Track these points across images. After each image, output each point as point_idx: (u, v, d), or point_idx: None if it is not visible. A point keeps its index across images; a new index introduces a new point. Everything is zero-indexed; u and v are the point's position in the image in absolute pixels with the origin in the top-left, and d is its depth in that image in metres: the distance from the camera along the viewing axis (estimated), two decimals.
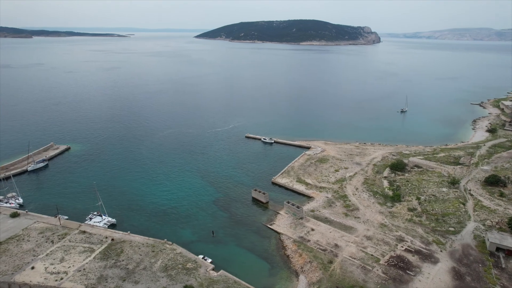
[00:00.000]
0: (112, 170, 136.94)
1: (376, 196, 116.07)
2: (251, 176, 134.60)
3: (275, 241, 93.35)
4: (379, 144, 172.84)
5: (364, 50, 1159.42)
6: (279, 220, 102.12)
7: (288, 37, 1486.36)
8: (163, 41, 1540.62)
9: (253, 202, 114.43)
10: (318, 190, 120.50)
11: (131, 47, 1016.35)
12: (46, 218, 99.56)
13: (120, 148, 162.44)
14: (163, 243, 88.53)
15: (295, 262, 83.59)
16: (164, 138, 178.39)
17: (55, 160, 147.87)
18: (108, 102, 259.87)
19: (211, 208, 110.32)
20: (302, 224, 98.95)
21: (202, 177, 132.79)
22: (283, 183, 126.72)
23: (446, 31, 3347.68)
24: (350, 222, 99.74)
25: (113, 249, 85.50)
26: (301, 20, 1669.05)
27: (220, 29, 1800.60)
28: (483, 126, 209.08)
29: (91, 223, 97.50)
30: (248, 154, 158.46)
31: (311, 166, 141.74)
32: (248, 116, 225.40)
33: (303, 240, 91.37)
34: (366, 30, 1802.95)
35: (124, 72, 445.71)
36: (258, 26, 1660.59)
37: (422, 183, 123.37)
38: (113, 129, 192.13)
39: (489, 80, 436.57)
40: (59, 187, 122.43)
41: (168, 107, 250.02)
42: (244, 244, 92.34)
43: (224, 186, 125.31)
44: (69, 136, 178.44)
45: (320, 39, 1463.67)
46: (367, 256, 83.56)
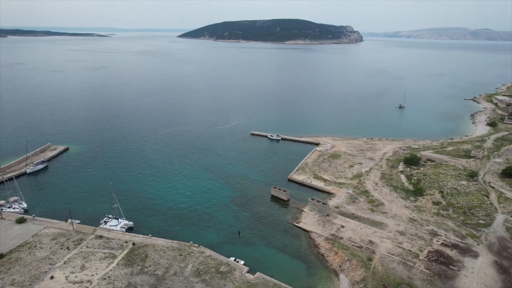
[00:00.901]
0: (119, 170, 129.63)
1: (397, 190, 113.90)
2: (265, 174, 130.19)
3: (305, 239, 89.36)
4: (386, 139, 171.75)
5: (349, 49, 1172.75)
6: (305, 218, 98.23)
7: (272, 36, 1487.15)
8: (145, 40, 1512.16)
9: (273, 200, 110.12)
10: (338, 186, 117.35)
11: (114, 47, 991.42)
12: (56, 223, 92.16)
13: (122, 147, 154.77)
14: (189, 246, 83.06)
15: (332, 260, 79.87)
16: (166, 136, 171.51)
17: (54, 162, 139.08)
18: (101, 102, 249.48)
19: (230, 208, 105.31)
20: (330, 221, 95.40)
21: (214, 175, 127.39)
22: (300, 180, 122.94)
23: (425, 30, 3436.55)
24: (379, 218, 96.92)
25: (136, 254, 79.40)
26: (284, 19, 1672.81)
27: (203, 28, 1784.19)
28: (482, 120, 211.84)
29: (107, 227, 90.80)
30: (257, 152, 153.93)
31: (324, 162, 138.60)
32: (248, 114, 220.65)
33: (335, 237, 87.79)
34: (349, 29, 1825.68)
35: (112, 71, 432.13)
36: (242, 25, 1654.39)
37: (439, 177, 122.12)
38: (111, 128, 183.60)
39: (475, 76, 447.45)
40: (63, 189, 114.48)
41: (164, 105, 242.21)
42: (273, 243, 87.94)
43: (239, 185, 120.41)
44: (66, 136, 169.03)
45: (304, 38, 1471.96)
46: (405, 252, 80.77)
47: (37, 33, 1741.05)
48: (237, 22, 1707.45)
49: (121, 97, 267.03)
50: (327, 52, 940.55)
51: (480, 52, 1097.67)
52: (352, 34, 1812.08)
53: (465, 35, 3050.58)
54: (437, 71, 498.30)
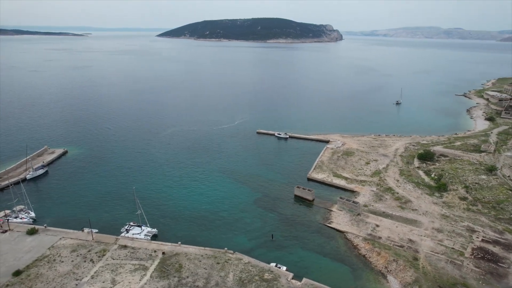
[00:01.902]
0: (127, 174, 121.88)
1: (420, 187, 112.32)
2: (281, 173, 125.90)
3: (342, 240, 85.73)
4: (394, 135, 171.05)
5: (331, 47, 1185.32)
6: (335, 218, 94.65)
7: (254, 35, 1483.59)
8: (124, 40, 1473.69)
9: (297, 200, 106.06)
10: (360, 184, 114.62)
11: (93, 46, 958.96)
12: (72, 233, 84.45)
13: (124, 149, 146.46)
14: (224, 253, 77.67)
15: (376, 261, 76.57)
16: (169, 137, 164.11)
17: (54, 166, 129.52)
18: (94, 101, 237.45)
19: (255, 210, 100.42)
20: (363, 221, 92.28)
21: (230, 176, 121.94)
22: (321, 178, 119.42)
23: (400, 29, 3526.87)
24: (410, 215, 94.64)
25: (169, 265, 73.30)
26: (265, 18, 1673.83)
27: (183, 27, 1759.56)
28: (479, 115, 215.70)
29: (130, 235, 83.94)
30: (267, 151, 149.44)
31: (340, 159, 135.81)
32: (249, 112, 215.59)
33: (373, 237, 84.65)
34: (328, 28, 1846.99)
35: (97, 70, 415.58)
36: (222, 24, 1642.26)
37: (458, 172, 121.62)
38: (109, 129, 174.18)
39: (459, 74, 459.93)
40: (71, 196, 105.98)
41: (160, 105, 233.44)
42: (309, 246, 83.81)
43: (257, 185, 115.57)
44: (62, 138, 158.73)
45: (286, 37, 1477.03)
46: (449, 250, 78.56)
47: (7, 31, 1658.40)
48: (218, 21, 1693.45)
49: (115, 97, 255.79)
50: (311, 50, 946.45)
51: (456, 50, 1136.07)
52: (332, 33, 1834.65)
53: (439, 34, 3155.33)
54: (422, 69, 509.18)
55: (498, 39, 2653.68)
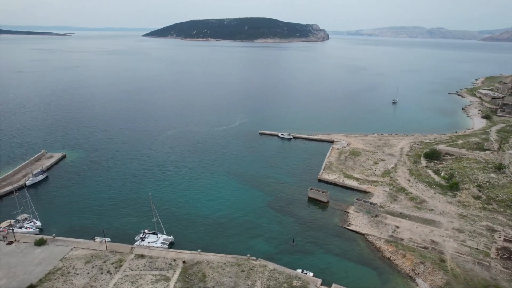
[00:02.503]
0: (132, 179, 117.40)
1: (432, 186, 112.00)
2: (290, 174, 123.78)
3: (363, 243, 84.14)
4: (396, 134, 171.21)
5: (319, 46, 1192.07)
6: (353, 220, 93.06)
7: (241, 35, 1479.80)
8: (110, 40, 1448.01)
9: (310, 202, 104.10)
10: (372, 184, 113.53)
11: (79, 46, 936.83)
12: (83, 243, 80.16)
13: (126, 153, 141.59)
14: (247, 260, 74.94)
15: (401, 264, 75.21)
16: (172, 139, 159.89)
17: (54, 171, 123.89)
18: (87, 103, 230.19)
19: (270, 213, 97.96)
20: (382, 222, 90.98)
21: (239, 179, 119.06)
22: (332, 179, 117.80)
23: (385, 29, 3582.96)
24: (428, 215, 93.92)
25: (191, 274, 70.13)
26: (252, 18, 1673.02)
27: (169, 27, 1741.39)
28: (475, 113, 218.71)
29: (145, 243, 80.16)
30: (272, 152, 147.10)
31: (347, 160, 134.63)
32: (249, 112, 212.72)
33: (395, 239, 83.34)
34: (315, 27, 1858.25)
35: (88, 71, 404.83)
36: (209, 24, 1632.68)
37: (466, 170, 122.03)
38: (106, 131, 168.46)
39: (448, 72, 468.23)
40: (75, 203, 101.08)
41: (157, 105, 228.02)
42: (331, 250, 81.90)
43: (269, 187, 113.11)
44: (59, 142, 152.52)
45: (273, 37, 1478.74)
46: (474, 251, 77.90)
47: None
48: (204, 21, 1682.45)
49: (109, 98, 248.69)
50: (300, 50, 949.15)
51: (441, 50, 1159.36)
52: (319, 32, 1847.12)
53: (422, 33, 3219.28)
54: (411, 68, 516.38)
55: (479, 38, 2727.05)
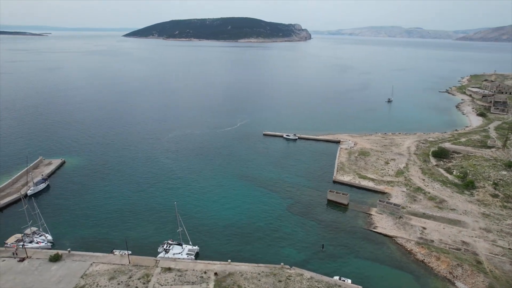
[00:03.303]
0: (140, 186, 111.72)
1: (447, 185, 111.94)
2: (303, 176, 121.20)
3: (393, 246, 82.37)
4: (399, 133, 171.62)
5: (302, 46, 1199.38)
6: (378, 222, 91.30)
7: (224, 35, 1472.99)
8: (90, 40, 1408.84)
9: (330, 205, 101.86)
10: (389, 185, 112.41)
11: (58, 46, 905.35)
12: (102, 257, 74.78)
13: (129, 158, 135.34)
14: (280, 269, 71.66)
15: (437, 267, 73.77)
16: (175, 142, 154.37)
17: (55, 178, 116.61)
18: (78, 105, 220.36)
19: (291, 218, 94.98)
20: (407, 224, 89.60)
21: (253, 183, 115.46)
22: (347, 180, 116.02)
23: (365, 28, 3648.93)
24: (451, 215, 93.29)
25: (226, 287, 66.24)
26: (234, 18, 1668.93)
27: (151, 27, 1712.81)
28: (470, 111, 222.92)
29: (170, 255, 75.50)
30: (280, 153, 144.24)
31: (358, 160, 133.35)
32: (249, 113, 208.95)
33: (425, 241, 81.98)
34: (297, 27, 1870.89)
35: (73, 72, 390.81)
36: (191, 24, 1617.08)
37: (477, 168, 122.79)
38: (104, 136, 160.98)
39: (433, 71, 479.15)
40: (84, 213, 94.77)
41: (152, 107, 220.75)
42: (362, 254, 79.72)
43: (284, 190, 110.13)
44: (56, 147, 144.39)
45: (257, 36, 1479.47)
46: (507, 251, 77.41)
47: None
48: (186, 21, 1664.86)
49: (101, 100, 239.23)
50: (285, 49, 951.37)
51: (421, 49, 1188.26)
52: (301, 32, 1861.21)
53: (401, 33, 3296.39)
54: (398, 67, 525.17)
55: (454, 38, 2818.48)
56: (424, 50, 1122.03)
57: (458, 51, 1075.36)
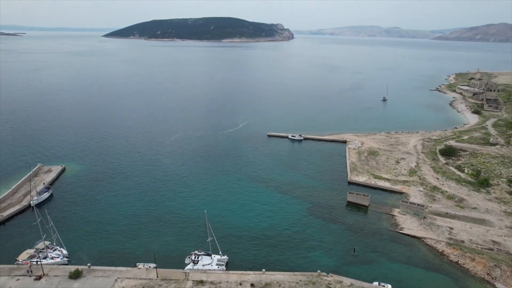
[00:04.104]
0: (151, 193, 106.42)
1: (462, 183, 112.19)
2: (317, 177, 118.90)
3: (423, 247, 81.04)
4: (402, 132, 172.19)
5: (286, 46, 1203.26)
6: (404, 223, 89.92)
7: (207, 35, 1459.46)
8: (68, 40, 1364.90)
9: (350, 207, 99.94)
10: (405, 185, 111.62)
11: (35, 47, 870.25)
12: (127, 271, 69.88)
13: (134, 162, 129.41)
14: (317, 276, 68.88)
15: (473, 268, 72.77)
16: (179, 145, 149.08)
17: (57, 186, 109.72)
18: (70, 108, 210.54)
19: (315, 222, 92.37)
20: (433, 224, 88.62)
21: (266, 185, 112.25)
22: (363, 181, 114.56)
23: (345, 28, 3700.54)
24: (475, 214, 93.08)
25: None
26: (217, 17, 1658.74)
27: (131, 27, 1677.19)
28: (464, 109, 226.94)
29: (199, 267, 71.35)
30: (287, 154, 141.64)
31: (369, 160, 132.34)
32: (248, 114, 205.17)
33: (456, 241, 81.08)
34: (280, 27, 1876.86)
35: (58, 73, 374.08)
36: (173, 24, 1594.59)
37: (487, 166, 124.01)
38: (103, 139, 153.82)
39: (420, 69, 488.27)
40: (96, 223, 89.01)
41: (147, 109, 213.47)
42: (394, 257, 77.95)
43: (300, 193, 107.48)
44: (52, 153, 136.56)
45: (240, 36, 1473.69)
46: None
47: None
48: (167, 21, 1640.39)
49: (93, 102, 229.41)
50: (270, 49, 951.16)
51: (402, 48, 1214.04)
52: (284, 32, 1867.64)
53: (380, 32, 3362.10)
54: (384, 66, 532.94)
55: (431, 37, 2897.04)
56: (406, 49, 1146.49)
57: (437, 50, 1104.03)
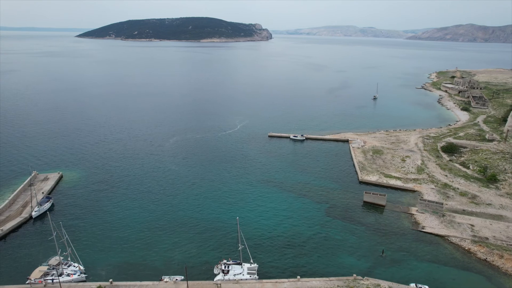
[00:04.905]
0: (159, 200, 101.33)
1: (470, 180, 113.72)
2: (326, 178, 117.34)
3: (449, 245, 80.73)
4: (400, 130, 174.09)
5: (266, 45, 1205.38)
6: (424, 222, 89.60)
7: (186, 35, 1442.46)
8: (39, 40, 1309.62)
9: (367, 207, 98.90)
10: (416, 183, 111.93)
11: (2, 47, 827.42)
12: (154, 286, 65.32)
13: (135, 167, 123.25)
14: (353, 280, 66.93)
15: (503, 265, 72.99)
16: (180, 148, 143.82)
17: (56, 195, 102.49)
18: (55, 111, 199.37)
19: (334, 223, 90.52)
20: (453, 222, 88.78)
21: (278, 188, 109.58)
22: (374, 180, 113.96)
23: (322, 28, 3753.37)
24: (491, 210, 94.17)
25: None
26: (195, 17, 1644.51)
27: (107, 27, 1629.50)
28: (453, 106, 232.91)
29: (231, 277, 67.70)
30: (292, 154, 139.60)
31: (375, 158, 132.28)
32: (245, 114, 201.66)
33: (480, 239, 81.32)
34: (258, 27, 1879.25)
35: (33, 75, 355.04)
36: (150, 24, 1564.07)
37: (490, 162, 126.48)
38: (98, 144, 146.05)
39: (401, 68, 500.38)
40: (105, 234, 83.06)
41: (138, 111, 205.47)
42: (422, 256, 77.16)
43: (315, 194, 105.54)
44: (46, 159, 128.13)
45: (219, 36, 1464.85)
46: None
47: None
48: (144, 21, 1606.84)
49: (78, 105, 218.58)
50: (250, 49, 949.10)
51: (379, 47, 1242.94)
52: (262, 32, 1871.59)
53: (356, 32, 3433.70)
54: (366, 64, 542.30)
55: (404, 37, 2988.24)
56: (382, 48, 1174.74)
57: (412, 49, 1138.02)
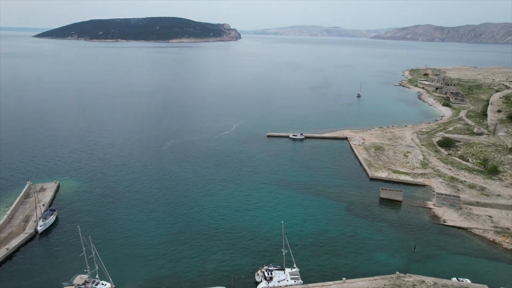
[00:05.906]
0: (172, 206, 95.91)
1: (473, 172, 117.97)
2: (335, 176, 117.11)
3: (473, 237, 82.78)
4: (393, 126, 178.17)
5: (236, 45, 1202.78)
6: (444, 215, 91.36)
7: (154, 35, 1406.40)
8: None
9: (383, 203, 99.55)
10: (424, 177, 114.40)
11: None
12: None
13: (137, 173, 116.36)
14: (398, 278, 66.37)
15: None
16: (179, 151, 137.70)
17: (57, 207, 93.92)
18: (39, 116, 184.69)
19: (358, 221, 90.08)
20: (472, 214, 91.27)
21: (291, 188, 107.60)
22: (384, 176, 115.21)
23: (288, 28, 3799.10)
24: (503, 201, 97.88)
25: None
26: (162, 17, 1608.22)
27: (68, 27, 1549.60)
28: (434, 102, 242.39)
29: (275, 284, 64.70)
30: (295, 154, 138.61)
31: (379, 155, 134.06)
32: (239, 115, 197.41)
33: (503, 229, 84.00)
34: (226, 27, 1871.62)
35: None
36: (115, 24, 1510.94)
37: (486, 154, 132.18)
38: (91, 149, 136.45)
39: (375, 66, 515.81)
40: (126, 248, 77.29)
41: (128, 114, 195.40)
42: (453, 249, 78.40)
43: (331, 193, 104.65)
44: (39, 168, 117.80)
45: (188, 36, 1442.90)
46: None
47: None
48: (108, 20, 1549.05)
49: (60, 109, 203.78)
50: (222, 49, 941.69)
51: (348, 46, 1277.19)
52: (231, 32, 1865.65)
53: (321, 32, 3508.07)
54: (342, 63, 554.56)
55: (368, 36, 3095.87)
56: (349, 47, 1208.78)
57: (378, 48, 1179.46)
